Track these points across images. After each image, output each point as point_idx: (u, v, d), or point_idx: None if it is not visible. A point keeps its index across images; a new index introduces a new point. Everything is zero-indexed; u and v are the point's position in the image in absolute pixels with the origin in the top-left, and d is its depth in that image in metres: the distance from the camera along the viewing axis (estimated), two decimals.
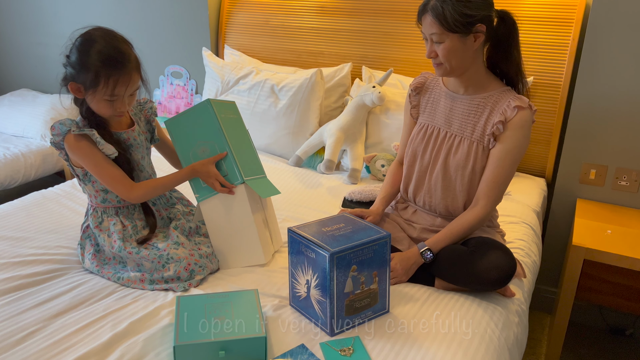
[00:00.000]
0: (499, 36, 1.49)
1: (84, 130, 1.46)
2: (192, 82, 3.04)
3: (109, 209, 1.56)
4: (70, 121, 1.48)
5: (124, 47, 1.45)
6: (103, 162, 1.48)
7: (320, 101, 2.49)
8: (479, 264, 1.42)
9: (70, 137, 1.47)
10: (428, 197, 1.64)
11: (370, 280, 1.33)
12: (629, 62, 1.98)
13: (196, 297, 1.33)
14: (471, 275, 1.43)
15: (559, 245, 2.32)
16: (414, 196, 1.68)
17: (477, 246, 1.48)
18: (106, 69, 1.41)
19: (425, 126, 1.65)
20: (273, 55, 2.84)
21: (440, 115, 1.61)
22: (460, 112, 1.57)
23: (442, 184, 1.59)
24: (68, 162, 1.54)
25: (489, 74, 1.55)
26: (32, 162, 3.01)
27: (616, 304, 2.06)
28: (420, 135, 1.65)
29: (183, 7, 2.92)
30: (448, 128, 1.59)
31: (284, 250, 1.70)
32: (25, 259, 1.56)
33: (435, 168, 1.60)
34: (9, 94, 3.51)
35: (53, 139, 1.50)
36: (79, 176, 1.55)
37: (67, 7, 3.30)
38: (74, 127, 1.47)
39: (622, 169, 2.09)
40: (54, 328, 1.29)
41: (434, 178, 1.61)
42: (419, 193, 1.66)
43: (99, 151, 1.48)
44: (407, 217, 1.71)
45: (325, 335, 1.29)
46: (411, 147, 1.67)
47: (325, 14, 2.65)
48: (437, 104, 1.64)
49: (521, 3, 2.24)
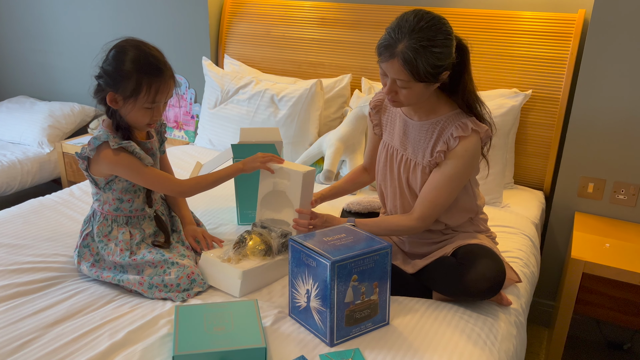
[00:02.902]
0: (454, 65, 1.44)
1: (121, 143, 1.47)
2: (192, 91, 3.04)
3: (120, 217, 1.56)
4: (106, 135, 1.48)
5: (160, 56, 1.48)
6: (144, 168, 1.51)
7: (319, 112, 2.49)
8: (467, 276, 1.40)
9: (109, 152, 1.47)
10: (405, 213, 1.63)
11: (370, 291, 1.32)
12: (628, 76, 1.99)
13: (195, 307, 1.32)
14: (461, 288, 1.42)
15: (557, 258, 2.32)
16: (393, 212, 1.67)
17: (465, 257, 1.47)
18: (148, 77, 1.43)
19: (387, 145, 1.64)
20: (273, 65, 2.85)
21: (396, 138, 1.60)
22: (412, 137, 1.55)
23: (412, 202, 1.58)
24: (87, 172, 1.53)
25: (439, 98, 1.51)
26: (29, 169, 3.00)
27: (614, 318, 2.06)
28: (383, 155, 1.64)
29: (183, 16, 2.93)
30: (404, 151, 1.58)
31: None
32: (22, 266, 1.55)
33: (403, 189, 1.60)
34: (7, 101, 3.50)
35: (87, 153, 1.49)
36: (99, 185, 1.54)
37: (67, 14, 3.31)
38: (112, 141, 1.46)
39: (620, 182, 2.10)
40: (50, 337, 1.27)
41: (405, 198, 1.60)
42: (395, 210, 1.65)
43: (137, 159, 1.50)
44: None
45: (325, 347, 1.28)
46: (379, 167, 1.67)
47: (325, 26, 2.66)
48: (394, 125, 1.62)
49: (520, 17, 2.26)
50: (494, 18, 2.31)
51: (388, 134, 1.65)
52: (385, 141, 1.66)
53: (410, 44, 1.33)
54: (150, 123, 1.51)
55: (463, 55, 1.44)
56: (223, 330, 1.23)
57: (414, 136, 1.55)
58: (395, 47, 1.35)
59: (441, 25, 1.36)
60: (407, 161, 1.57)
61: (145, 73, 1.43)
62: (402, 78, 1.38)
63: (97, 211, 1.58)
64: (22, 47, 3.58)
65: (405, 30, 1.34)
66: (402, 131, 1.58)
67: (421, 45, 1.33)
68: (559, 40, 2.19)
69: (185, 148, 2.76)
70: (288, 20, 2.75)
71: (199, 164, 2.08)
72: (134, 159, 1.49)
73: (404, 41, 1.34)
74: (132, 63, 1.43)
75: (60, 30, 3.38)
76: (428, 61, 1.34)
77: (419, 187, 1.55)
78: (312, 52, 2.72)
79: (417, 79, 1.37)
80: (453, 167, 1.47)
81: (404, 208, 1.61)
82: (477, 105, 1.49)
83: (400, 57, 1.35)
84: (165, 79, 1.47)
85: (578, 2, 2.21)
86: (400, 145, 1.59)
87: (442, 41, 1.35)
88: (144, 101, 1.45)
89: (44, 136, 3.12)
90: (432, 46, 1.33)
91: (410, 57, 1.33)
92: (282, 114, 2.49)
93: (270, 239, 1.57)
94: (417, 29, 1.33)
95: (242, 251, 1.54)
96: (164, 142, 1.74)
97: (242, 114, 2.59)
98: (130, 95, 1.44)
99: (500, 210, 2.14)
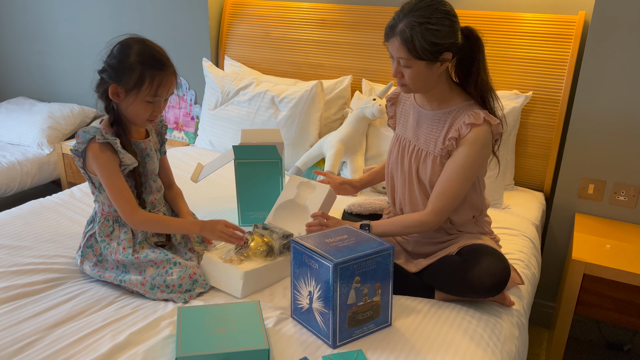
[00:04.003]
0: (463, 53, 1.49)
1: (107, 138, 1.47)
2: (192, 93, 3.04)
3: (120, 217, 1.55)
4: (95, 129, 1.48)
5: (164, 52, 1.51)
6: (115, 178, 1.49)
7: (320, 113, 2.49)
8: (471, 272, 1.41)
9: (95, 145, 1.47)
10: (412, 210, 1.63)
11: (373, 293, 1.32)
12: (628, 77, 2.00)
13: (198, 309, 1.32)
14: (465, 285, 1.42)
15: (557, 259, 2.32)
16: (401, 209, 1.68)
17: (469, 254, 1.48)
18: (151, 70, 1.45)
19: (400, 138, 1.67)
20: (273, 66, 2.85)
21: (410, 129, 1.63)
22: (425, 127, 1.58)
23: (421, 196, 1.59)
24: (84, 170, 1.54)
25: (452, 89, 1.55)
26: (28, 170, 2.99)
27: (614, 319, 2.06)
28: (396, 147, 1.67)
29: (183, 17, 2.93)
30: (416, 142, 1.60)
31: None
32: (23, 268, 1.55)
33: (412, 181, 1.61)
34: (6, 102, 3.49)
35: (77, 147, 1.50)
36: (95, 184, 1.54)
37: (66, 15, 3.31)
38: (98, 135, 1.47)
39: (620, 184, 2.11)
40: (52, 339, 1.27)
41: (413, 190, 1.61)
42: (404, 205, 1.66)
43: (117, 166, 1.49)
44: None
45: (327, 348, 1.28)
46: (391, 159, 1.69)
47: (325, 27, 2.66)
48: (407, 117, 1.66)
49: (521, 19, 2.26)
50: (494, 20, 2.31)
51: (401, 126, 1.67)
52: (397, 134, 1.69)
53: (408, 22, 1.41)
54: (150, 118, 1.52)
55: (474, 44, 1.48)
56: (225, 331, 1.23)
57: (426, 126, 1.57)
58: (397, 26, 1.43)
59: (439, 5, 1.41)
60: (419, 151, 1.59)
61: (149, 66, 1.44)
62: (402, 56, 1.44)
63: (98, 212, 1.58)
64: (21, 48, 3.57)
65: (406, 10, 1.43)
66: (416, 122, 1.61)
67: (417, 22, 1.39)
68: (560, 42, 2.20)
69: (185, 149, 2.75)
70: (288, 21, 2.75)
71: (200, 165, 2.07)
72: (113, 165, 1.48)
73: (404, 20, 1.41)
74: (137, 56, 1.44)
75: (60, 31, 3.37)
76: (424, 37, 1.39)
77: (428, 178, 1.56)
78: (311, 53, 2.72)
79: (415, 56, 1.42)
80: (464, 156, 1.48)
81: (411, 201, 1.62)
82: (490, 99, 1.52)
83: (399, 35, 1.42)
84: (168, 74, 1.48)
85: (578, 4, 2.22)
86: (413, 136, 1.61)
87: (438, 19, 1.40)
88: (145, 94, 1.46)
89: (43, 137, 3.12)
90: (428, 23, 1.39)
91: (407, 33, 1.40)
92: (282, 115, 2.49)
93: (272, 240, 1.57)
94: (415, 8, 1.41)
95: (244, 252, 1.54)
96: (164, 143, 1.74)
97: (243, 115, 2.59)
98: (132, 88, 1.45)
99: (501, 211, 2.14)
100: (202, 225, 1.55)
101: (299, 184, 1.77)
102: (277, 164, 1.90)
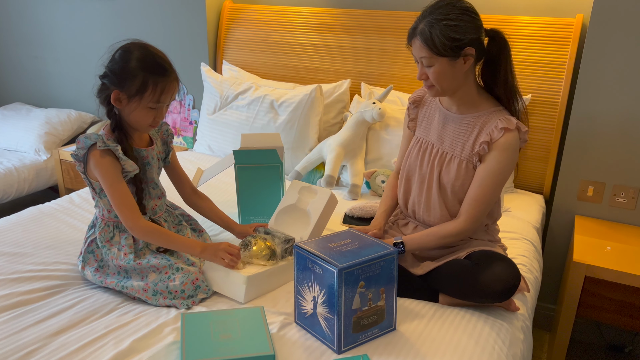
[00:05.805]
0: (490, 56, 1.50)
1: (108, 145, 1.46)
2: (189, 97, 3.04)
3: (121, 223, 1.54)
4: (96, 135, 1.47)
5: (165, 57, 1.50)
6: (117, 184, 1.47)
7: (319, 117, 2.49)
8: (482, 276, 1.41)
9: (97, 152, 1.46)
10: (427, 213, 1.63)
11: (377, 297, 1.32)
12: (626, 80, 2.01)
13: (201, 315, 1.31)
14: (475, 288, 1.42)
15: (558, 262, 2.32)
16: (413, 211, 1.68)
17: (480, 259, 1.47)
18: (154, 76, 1.44)
19: (421, 140, 1.66)
20: (271, 71, 2.84)
21: (434, 132, 1.62)
22: (451, 130, 1.57)
23: (439, 200, 1.59)
24: (85, 175, 1.53)
25: (480, 93, 1.55)
26: (26, 176, 2.98)
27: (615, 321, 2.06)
28: (416, 149, 1.66)
29: (182, 22, 2.92)
30: (440, 145, 1.60)
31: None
32: (23, 275, 1.53)
33: (432, 184, 1.60)
34: (2, 108, 3.47)
35: (77, 152, 1.49)
36: (95, 189, 1.53)
37: (64, 20, 3.30)
38: (99, 141, 1.45)
39: (619, 186, 2.11)
40: (54, 346, 1.26)
41: (431, 194, 1.60)
42: (417, 208, 1.66)
43: (119, 172, 1.48)
44: (408, 234, 1.70)
45: (332, 354, 1.28)
46: (408, 161, 1.68)
47: (324, 31, 2.67)
48: (432, 120, 1.65)
49: (519, 22, 2.27)
50: (492, 23, 2.29)
51: (423, 129, 1.66)
52: (418, 137, 1.68)
53: (427, 21, 1.43)
54: (152, 124, 1.51)
55: (501, 46, 1.49)
56: (230, 337, 1.22)
57: (452, 129, 1.57)
58: (417, 27, 1.46)
59: (458, 3, 1.44)
60: (443, 154, 1.58)
61: (151, 72, 1.44)
62: (424, 55, 1.45)
63: (99, 217, 1.57)
64: (18, 54, 3.56)
65: (426, 12, 1.46)
66: (441, 125, 1.60)
67: (436, 19, 1.42)
68: (558, 44, 2.21)
69: (184, 154, 2.74)
70: (286, 26, 2.75)
71: (200, 170, 2.07)
72: (115, 172, 1.47)
73: (424, 21, 1.44)
74: (139, 62, 1.44)
75: (57, 36, 3.36)
76: (443, 33, 1.40)
77: (450, 181, 1.55)
78: (310, 57, 2.72)
79: (435, 53, 1.43)
80: (497, 162, 1.48)
81: (427, 204, 1.62)
82: (515, 105, 1.53)
83: (419, 34, 1.45)
84: (170, 80, 1.48)
85: (576, 6, 2.23)
86: (437, 138, 1.61)
87: (457, 15, 1.42)
88: (148, 100, 1.45)
89: (40, 143, 3.10)
90: (447, 19, 1.41)
91: (426, 31, 1.43)
92: (281, 119, 2.49)
93: (274, 244, 1.56)
94: (434, 7, 1.45)
95: (246, 256, 1.53)
96: (170, 152, 1.72)
97: (242, 119, 2.58)
98: (135, 94, 1.44)
99: (502, 214, 2.14)
100: (203, 248, 1.50)
101: (301, 188, 1.77)
102: (277, 168, 1.90)
